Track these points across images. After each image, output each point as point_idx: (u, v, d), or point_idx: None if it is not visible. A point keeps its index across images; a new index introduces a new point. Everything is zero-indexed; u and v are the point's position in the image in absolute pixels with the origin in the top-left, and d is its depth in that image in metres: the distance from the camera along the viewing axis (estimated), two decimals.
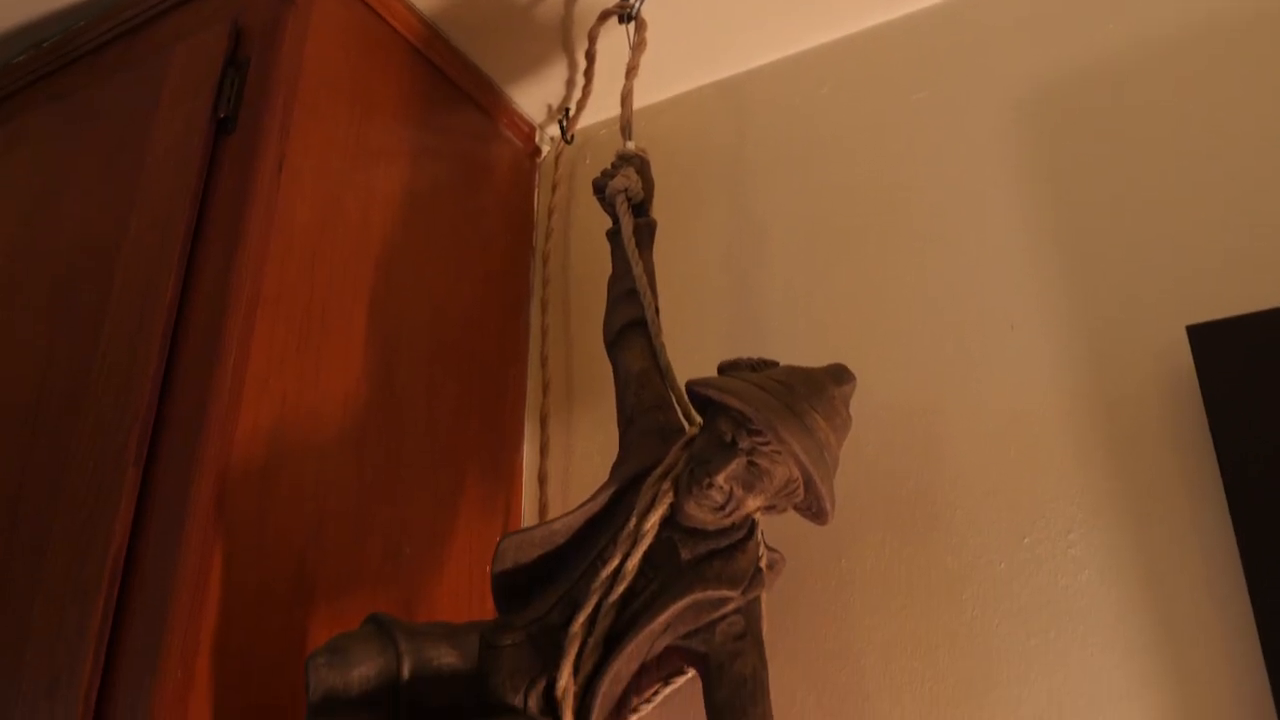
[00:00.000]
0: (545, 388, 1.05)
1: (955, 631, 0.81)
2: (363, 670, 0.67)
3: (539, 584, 0.75)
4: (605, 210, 0.86)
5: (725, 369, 0.74)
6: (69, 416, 0.81)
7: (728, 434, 0.69)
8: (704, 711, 0.73)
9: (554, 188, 1.15)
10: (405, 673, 0.68)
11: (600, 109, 1.15)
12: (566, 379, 1.06)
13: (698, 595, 0.70)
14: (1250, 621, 0.72)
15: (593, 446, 1.02)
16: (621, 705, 0.72)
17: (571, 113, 1.15)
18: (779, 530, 0.81)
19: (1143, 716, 0.73)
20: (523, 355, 1.08)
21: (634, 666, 0.71)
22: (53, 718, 0.70)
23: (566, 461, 1.03)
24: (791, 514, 0.85)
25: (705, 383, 0.71)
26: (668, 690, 0.79)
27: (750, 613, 0.72)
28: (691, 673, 0.79)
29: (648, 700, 0.78)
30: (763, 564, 0.74)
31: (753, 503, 0.70)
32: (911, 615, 0.83)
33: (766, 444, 0.68)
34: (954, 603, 0.82)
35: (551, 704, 0.69)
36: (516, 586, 0.75)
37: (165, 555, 0.73)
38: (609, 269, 0.86)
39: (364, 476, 0.88)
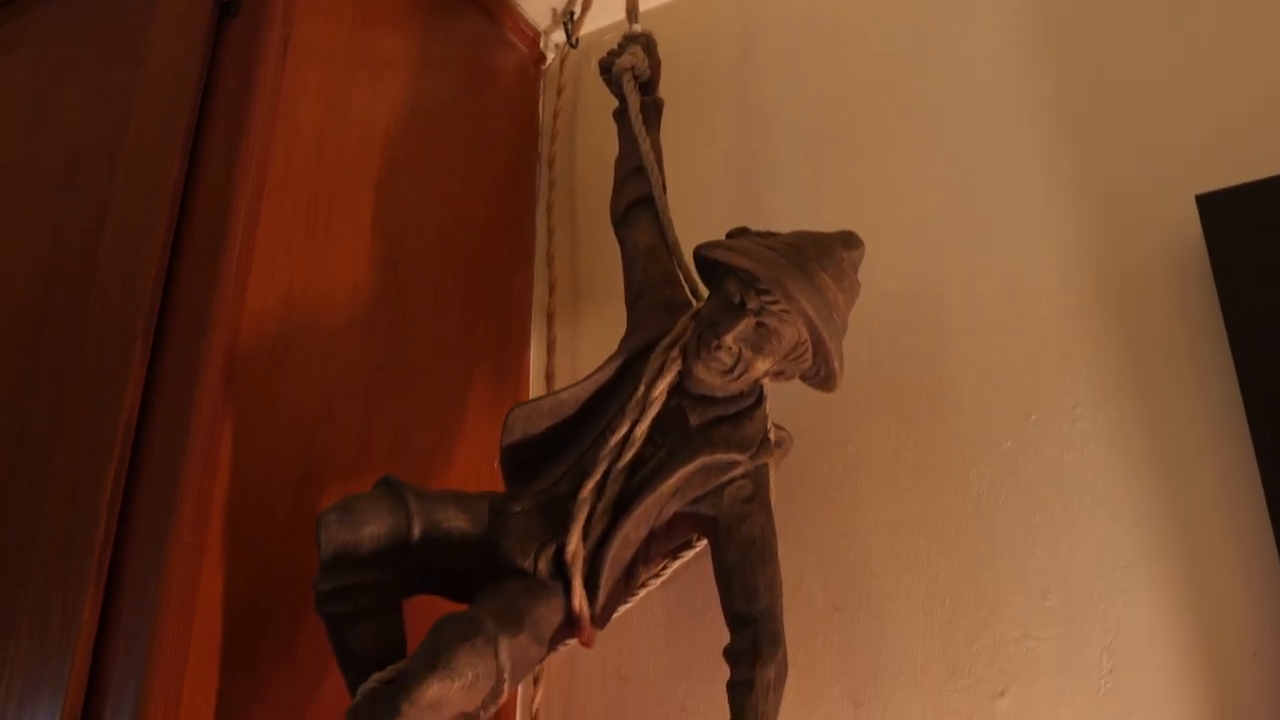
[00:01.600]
0: (551, 287, 1.05)
1: (961, 509, 0.81)
2: (373, 529, 0.67)
3: (548, 458, 0.75)
4: (612, 90, 0.86)
5: (733, 236, 0.74)
6: (78, 295, 0.81)
7: (736, 295, 0.69)
8: (710, 591, 0.74)
9: (559, 92, 1.14)
10: (416, 533, 0.68)
11: (605, 14, 1.14)
12: (573, 279, 1.06)
13: (706, 459, 0.70)
14: (1258, 489, 0.72)
15: (599, 345, 1.02)
16: (629, 574, 0.73)
17: (576, 16, 1.14)
18: (786, 417, 0.81)
19: (1149, 585, 0.74)
20: (529, 258, 1.08)
21: (643, 532, 0.72)
22: (66, 579, 0.71)
23: (573, 360, 1.03)
24: (799, 403, 0.86)
25: (712, 245, 0.71)
26: (675, 565, 0.80)
27: (758, 478, 0.72)
28: (698, 547, 0.79)
29: (656, 575, 0.78)
30: (770, 436, 0.74)
31: (761, 365, 0.70)
32: (918, 496, 0.83)
33: (775, 303, 0.68)
34: (960, 481, 0.82)
35: (561, 568, 0.69)
36: (525, 461, 0.75)
37: (175, 427, 0.73)
38: (613, 175, 0.86)
39: (372, 366, 0.88)
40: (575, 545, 0.69)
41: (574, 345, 1.04)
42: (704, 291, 0.77)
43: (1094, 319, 0.81)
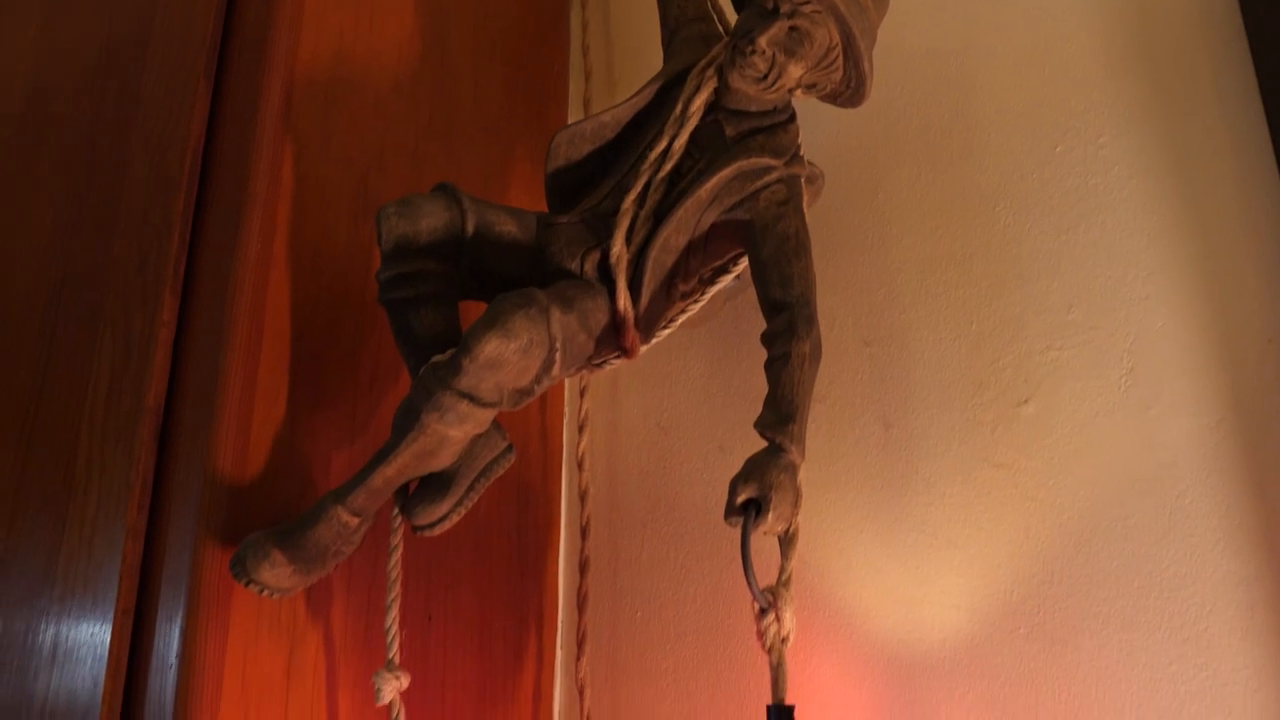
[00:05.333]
0: (587, 75, 1.08)
1: (989, 240, 0.85)
2: (430, 221, 0.71)
3: (591, 182, 0.79)
4: None
5: None
6: (140, 39, 0.85)
7: (769, 1, 0.72)
8: (744, 345, 0.78)
9: None
10: (469, 229, 0.72)
11: None
12: (608, 68, 1.09)
13: (742, 163, 0.74)
14: (1275, 195, 0.74)
15: None
16: (669, 284, 0.77)
17: None
18: (818, 160, 0.84)
19: (1168, 290, 0.77)
20: (565, 47, 1.11)
21: (682, 240, 0.75)
22: (144, 289, 0.76)
23: None
24: (831, 158, 0.89)
25: None
26: (711, 291, 0.84)
27: (792, 185, 0.75)
28: (735, 271, 0.83)
29: (693, 296, 0.82)
30: (803, 154, 0.78)
31: (794, 70, 0.73)
32: (946, 233, 0.87)
33: (806, 3, 0.70)
34: (988, 216, 0.85)
35: (605, 271, 0.74)
36: (569, 188, 0.79)
37: (240, 153, 0.78)
38: None
39: (419, 128, 0.92)
40: (619, 248, 0.73)
41: None
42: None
43: (1121, 55, 0.83)
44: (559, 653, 0.93)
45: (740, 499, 0.64)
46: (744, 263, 0.80)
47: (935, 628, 0.78)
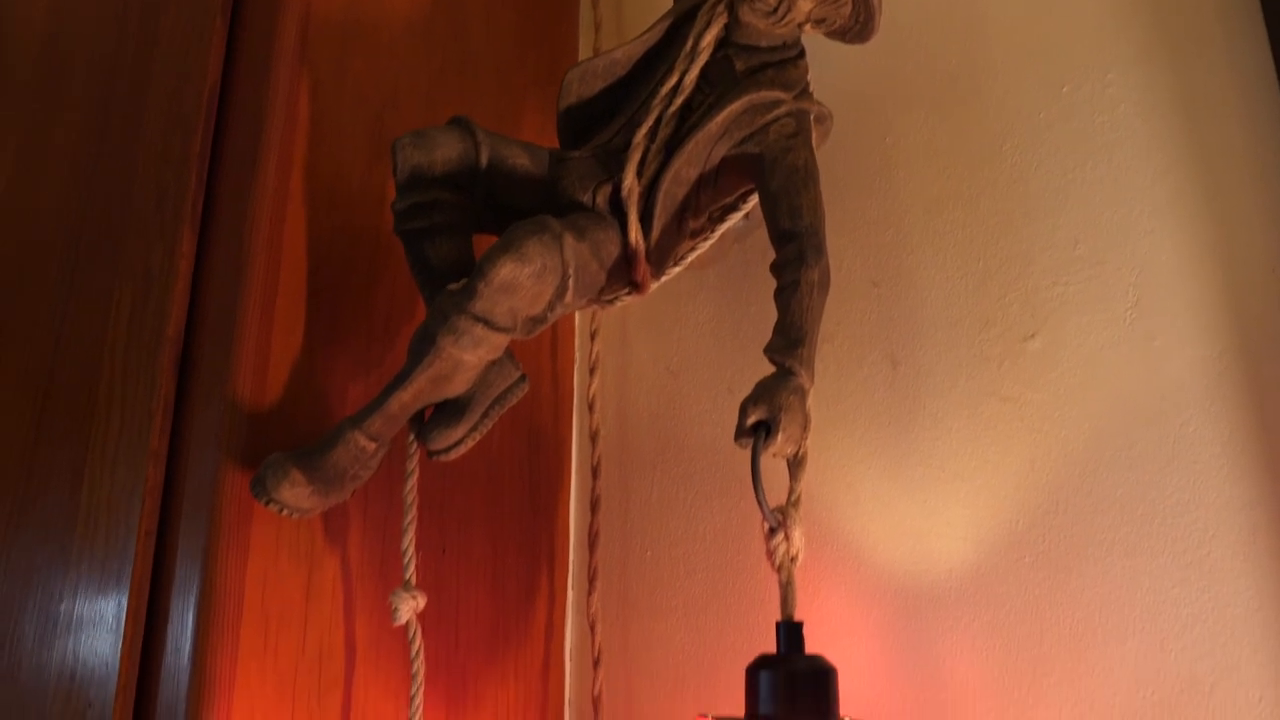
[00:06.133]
0: (597, 27, 1.08)
1: (996, 180, 0.86)
2: (445, 152, 0.72)
3: (603, 119, 0.80)
4: None
5: None
6: None
7: None
8: (754, 289, 0.78)
9: None
10: (483, 160, 0.73)
11: None
12: (618, 19, 1.10)
13: (752, 97, 0.75)
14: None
15: None
16: (680, 218, 0.78)
17: None
18: (827, 102, 0.85)
19: (1174, 224, 0.78)
20: (574, 2, 1.12)
21: (693, 173, 0.76)
22: (163, 225, 0.77)
23: None
24: (838, 102, 0.90)
25: None
26: (721, 229, 0.85)
27: (801, 119, 0.76)
28: (745, 209, 0.84)
29: (703, 234, 0.83)
30: (811, 91, 0.78)
31: (804, 4, 0.74)
32: (954, 174, 0.87)
33: None
34: (995, 156, 0.86)
35: (617, 205, 0.75)
36: (581, 125, 0.80)
37: (256, 92, 0.79)
38: None
39: (432, 71, 0.93)
40: (631, 181, 0.74)
41: None
42: None
43: None
44: (570, 591, 0.94)
45: (750, 421, 0.66)
46: (753, 200, 0.81)
47: (942, 559, 0.79)
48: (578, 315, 1.03)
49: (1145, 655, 0.71)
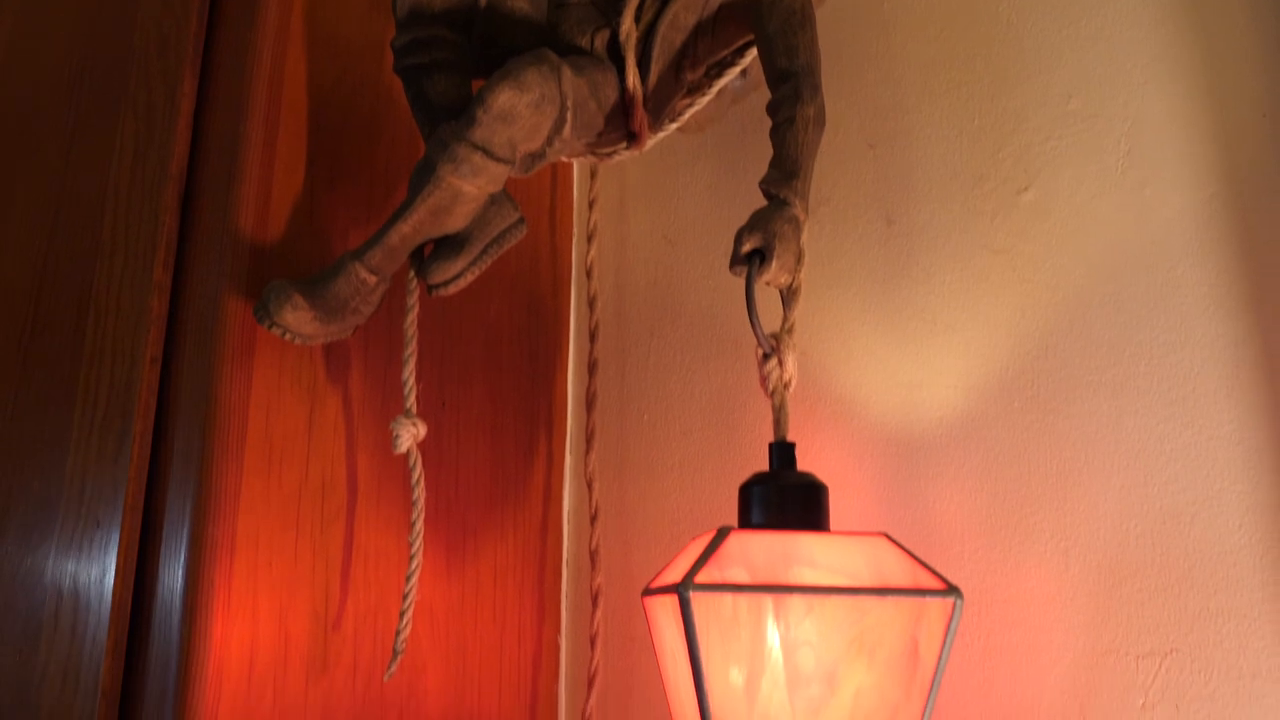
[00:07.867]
0: None
1: (991, 39, 0.86)
2: None
3: None
4: None
5: None
6: None
7: None
8: (750, 155, 0.79)
9: None
10: (483, 0, 0.74)
11: None
12: None
13: None
14: None
15: None
16: (677, 67, 0.78)
17: None
18: None
19: (1167, 75, 0.78)
20: None
21: (691, 19, 0.77)
22: (165, 69, 0.77)
23: None
24: None
25: None
26: (718, 85, 0.85)
27: None
28: (741, 64, 0.84)
29: (700, 90, 0.84)
30: None
31: None
32: (950, 36, 0.88)
33: None
34: (991, 15, 0.86)
35: (615, 50, 0.75)
36: None
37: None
38: None
39: None
40: (629, 25, 0.75)
41: None
42: None
43: None
44: (568, 452, 0.96)
45: (745, 249, 0.67)
46: (750, 55, 0.82)
47: (934, 407, 0.81)
48: (576, 183, 1.04)
49: (1129, 490, 0.73)
